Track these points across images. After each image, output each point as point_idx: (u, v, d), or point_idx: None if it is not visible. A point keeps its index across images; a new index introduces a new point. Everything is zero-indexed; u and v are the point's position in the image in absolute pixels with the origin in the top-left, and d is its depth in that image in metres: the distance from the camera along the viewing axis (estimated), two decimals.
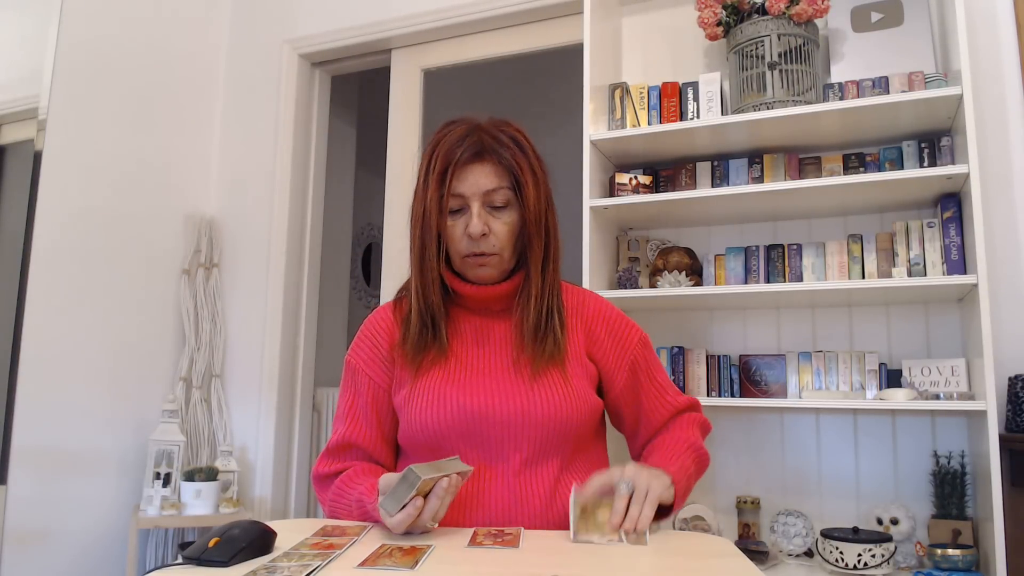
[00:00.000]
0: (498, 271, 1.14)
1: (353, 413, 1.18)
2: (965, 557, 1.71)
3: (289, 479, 2.85)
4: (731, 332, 2.21)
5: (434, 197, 1.09)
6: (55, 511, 2.31)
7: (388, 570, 0.80)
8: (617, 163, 2.31)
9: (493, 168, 1.10)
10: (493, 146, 1.10)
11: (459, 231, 1.11)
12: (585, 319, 1.20)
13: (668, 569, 0.82)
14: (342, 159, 3.65)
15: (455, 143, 1.10)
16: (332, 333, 3.51)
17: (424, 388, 1.12)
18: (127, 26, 2.64)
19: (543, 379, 1.11)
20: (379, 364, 1.18)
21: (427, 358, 1.14)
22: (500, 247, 1.11)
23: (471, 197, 1.09)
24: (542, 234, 1.13)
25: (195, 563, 0.83)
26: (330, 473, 1.16)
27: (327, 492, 1.15)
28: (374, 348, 1.19)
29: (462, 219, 1.11)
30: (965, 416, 1.93)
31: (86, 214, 2.46)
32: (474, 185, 1.09)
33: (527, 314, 1.12)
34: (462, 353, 1.15)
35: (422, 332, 1.13)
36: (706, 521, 2.05)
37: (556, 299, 1.15)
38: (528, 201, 1.11)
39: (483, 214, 1.09)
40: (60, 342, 2.35)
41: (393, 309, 1.21)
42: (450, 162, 1.09)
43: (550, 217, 1.15)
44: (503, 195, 1.10)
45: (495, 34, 2.73)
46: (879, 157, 2.02)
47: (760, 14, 2.03)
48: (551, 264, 1.15)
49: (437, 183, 1.10)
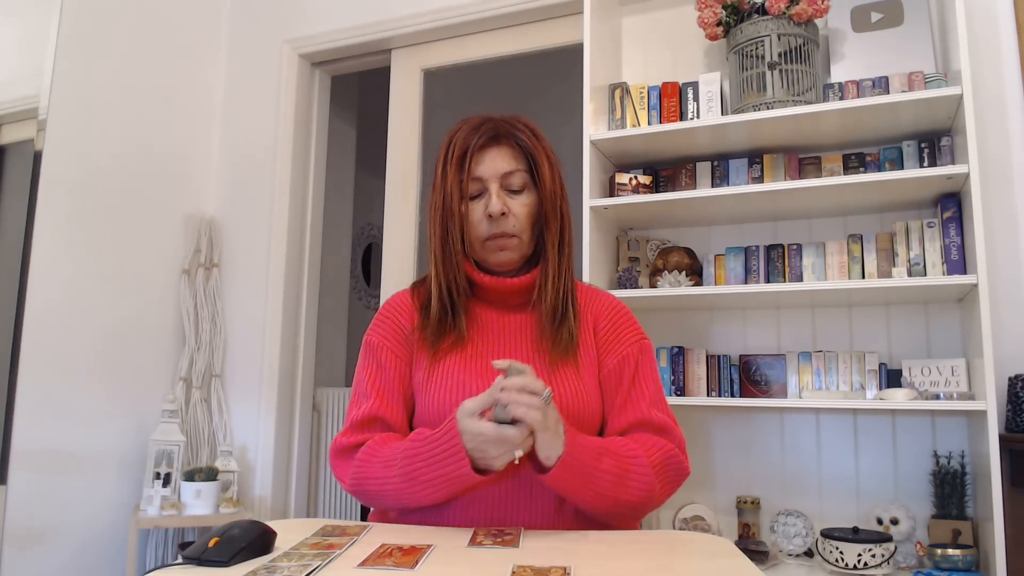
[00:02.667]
0: (518, 255, 1.15)
1: (378, 388, 1.14)
2: (965, 557, 1.71)
3: (289, 479, 2.85)
4: (731, 332, 2.21)
5: (454, 182, 1.12)
6: (55, 511, 2.31)
7: (388, 570, 0.80)
8: (617, 163, 2.31)
9: (510, 151, 1.14)
10: (509, 131, 1.15)
11: (479, 214, 1.13)
12: (594, 314, 1.20)
13: (668, 569, 0.82)
14: (342, 159, 3.65)
15: (471, 131, 1.14)
16: (332, 333, 3.52)
17: (442, 373, 1.12)
18: (127, 27, 2.64)
19: (559, 373, 1.12)
20: (401, 342, 1.17)
21: (445, 343, 1.14)
22: (519, 228, 1.13)
23: (489, 179, 1.12)
24: (558, 216, 1.15)
25: (195, 563, 0.83)
26: (354, 444, 1.10)
27: (349, 463, 1.09)
28: (396, 328, 1.18)
29: (482, 202, 1.13)
30: (965, 416, 1.93)
31: (86, 214, 2.46)
32: (492, 168, 1.12)
33: (545, 295, 1.13)
34: (480, 342, 1.15)
35: (442, 317, 1.13)
36: (706, 521, 2.05)
37: (571, 285, 1.16)
38: (544, 182, 1.14)
39: (502, 195, 1.12)
40: (60, 342, 2.35)
41: (411, 295, 1.22)
42: (468, 147, 1.13)
43: (564, 206, 1.17)
44: (520, 177, 1.13)
45: (495, 34, 2.73)
46: (879, 157, 2.02)
47: (760, 14, 2.03)
48: (566, 249, 1.16)
49: (456, 169, 1.12)
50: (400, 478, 1.02)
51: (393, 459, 1.03)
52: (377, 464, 1.05)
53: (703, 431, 2.19)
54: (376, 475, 1.05)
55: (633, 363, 1.16)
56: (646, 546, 0.92)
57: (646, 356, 1.18)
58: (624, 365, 1.15)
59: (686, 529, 2.03)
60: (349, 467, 1.09)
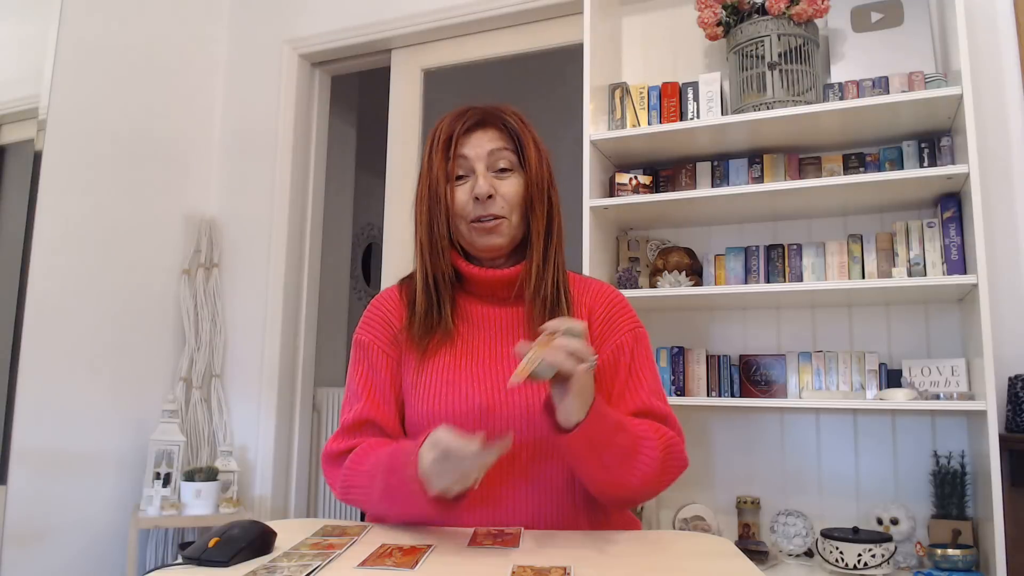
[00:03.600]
0: (507, 239, 1.12)
1: (369, 390, 1.12)
2: (965, 557, 1.71)
3: (289, 479, 2.85)
4: (731, 332, 2.21)
5: (440, 167, 1.11)
6: (55, 511, 2.31)
7: (388, 570, 0.80)
8: (617, 163, 2.31)
9: (496, 132, 1.13)
10: (495, 113, 1.14)
11: (465, 196, 1.11)
12: (588, 305, 1.17)
13: (668, 569, 0.82)
14: (342, 159, 3.65)
15: (456, 117, 1.14)
16: (332, 333, 3.52)
17: (431, 375, 1.10)
18: (127, 26, 2.64)
19: None
20: (392, 341, 1.15)
21: (433, 341, 1.12)
22: (507, 210, 1.11)
23: (475, 159, 1.11)
24: (544, 200, 1.13)
25: (195, 563, 0.83)
26: (344, 450, 1.09)
27: (339, 469, 1.08)
28: (385, 326, 1.16)
29: (468, 184, 1.11)
30: (965, 416, 1.93)
31: (86, 214, 2.46)
32: (478, 147, 1.11)
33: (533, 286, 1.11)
34: (469, 337, 1.13)
35: (428, 310, 1.11)
36: (706, 521, 2.05)
37: (562, 276, 1.14)
38: (530, 164, 1.12)
39: (488, 176, 1.11)
40: (60, 342, 2.35)
41: (399, 292, 1.20)
42: (453, 132, 1.12)
43: (552, 193, 1.15)
44: (507, 157, 1.12)
45: (495, 34, 2.73)
46: (879, 157, 2.02)
47: (760, 14, 2.03)
48: (555, 238, 1.14)
49: (443, 153, 1.11)
50: (380, 491, 1.00)
51: (376, 470, 1.02)
52: (363, 473, 1.04)
53: (703, 431, 2.19)
54: (361, 484, 1.04)
55: (629, 352, 1.14)
56: (646, 546, 0.92)
57: (641, 344, 1.15)
58: (620, 354, 1.13)
59: (686, 529, 2.03)
60: (339, 474, 1.08)
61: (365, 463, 1.04)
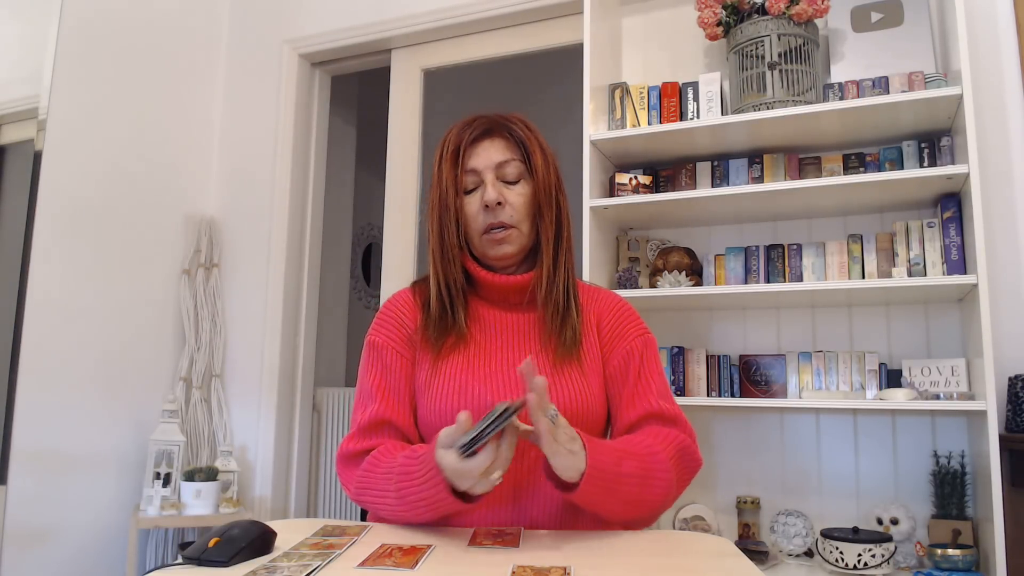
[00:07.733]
0: (517, 247, 1.14)
1: (384, 391, 1.12)
2: (965, 557, 1.71)
3: (289, 479, 2.85)
4: (731, 332, 2.21)
5: (449, 177, 1.12)
6: (55, 511, 2.31)
7: (388, 570, 0.80)
8: (617, 163, 2.31)
9: (504, 143, 1.14)
10: (502, 123, 1.15)
11: (475, 206, 1.13)
12: (597, 313, 1.19)
13: (668, 569, 0.82)
14: (342, 159, 3.65)
15: (463, 127, 1.15)
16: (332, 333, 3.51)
17: (444, 375, 1.11)
18: (127, 26, 2.64)
19: (563, 372, 1.11)
20: (405, 343, 1.16)
21: (447, 343, 1.13)
22: (517, 219, 1.12)
23: (484, 170, 1.12)
24: (552, 206, 1.14)
25: (195, 563, 0.83)
26: (361, 450, 1.08)
27: (355, 470, 1.07)
28: (399, 327, 1.17)
29: (478, 195, 1.13)
30: (965, 416, 1.93)
31: (86, 214, 2.46)
32: (486, 158, 1.13)
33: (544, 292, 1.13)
34: (483, 341, 1.14)
35: (442, 314, 1.13)
36: (706, 521, 2.05)
37: (572, 282, 1.16)
38: (538, 171, 1.14)
39: (498, 185, 1.12)
40: (60, 342, 2.35)
41: (412, 293, 1.21)
42: (461, 142, 1.13)
43: (561, 199, 1.16)
44: (515, 167, 1.14)
45: (495, 34, 2.73)
46: (879, 157, 2.02)
47: (760, 14, 2.03)
48: (564, 244, 1.15)
49: (451, 164, 1.13)
50: (394, 494, 1.00)
51: (391, 472, 1.01)
52: (379, 475, 1.03)
53: (703, 431, 2.19)
54: (377, 486, 1.03)
55: (638, 357, 1.15)
56: (646, 546, 0.92)
57: (650, 350, 1.17)
58: (629, 360, 1.15)
59: (686, 529, 2.03)
60: (354, 475, 1.08)
61: (381, 465, 1.04)
